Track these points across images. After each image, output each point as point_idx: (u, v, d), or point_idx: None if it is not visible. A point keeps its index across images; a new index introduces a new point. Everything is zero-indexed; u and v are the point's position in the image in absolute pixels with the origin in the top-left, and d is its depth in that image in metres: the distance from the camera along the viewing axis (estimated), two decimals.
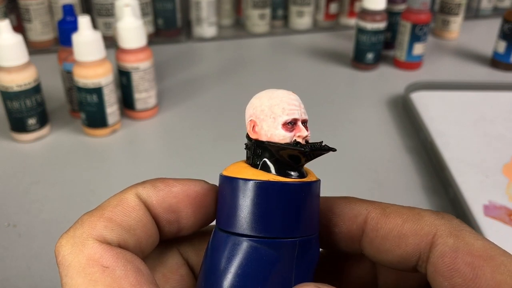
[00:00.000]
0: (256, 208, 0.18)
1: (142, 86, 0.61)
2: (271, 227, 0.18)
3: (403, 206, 0.20)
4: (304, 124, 0.20)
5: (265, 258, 0.18)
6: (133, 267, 0.17)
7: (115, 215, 0.18)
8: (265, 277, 0.18)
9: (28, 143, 0.58)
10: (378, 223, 0.19)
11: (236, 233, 0.18)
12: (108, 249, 0.17)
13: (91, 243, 0.17)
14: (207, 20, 0.87)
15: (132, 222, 0.18)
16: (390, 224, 0.19)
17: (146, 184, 0.19)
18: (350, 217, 0.20)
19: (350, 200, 0.21)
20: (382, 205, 0.20)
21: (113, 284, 0.16)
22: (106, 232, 0.17)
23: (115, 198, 0.19)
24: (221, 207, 0.19)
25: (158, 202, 0.19)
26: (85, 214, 0.18)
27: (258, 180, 0.18)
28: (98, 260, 0.16)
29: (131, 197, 0.19)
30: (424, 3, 0.74)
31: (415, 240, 0.18)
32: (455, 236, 0.18)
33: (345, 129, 0.63)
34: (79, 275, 0.16)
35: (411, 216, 0.19)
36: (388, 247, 0.19)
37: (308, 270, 0.19)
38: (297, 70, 0.80)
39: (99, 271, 0.16)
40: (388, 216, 0.19)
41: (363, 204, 0.20)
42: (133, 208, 0.18)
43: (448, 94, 0.70)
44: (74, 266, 0.16)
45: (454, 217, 0.19)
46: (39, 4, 0.79)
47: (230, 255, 0.18)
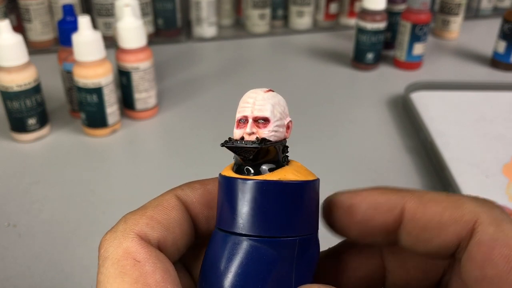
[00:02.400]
0: (255, 208, 0.18)
1: (142, 86, 0.61)
2: (271, 226, 0.18)
3: (439, 192, 0.19)
4: (261, 121, 0.19)
5: (265, 257, 0.18)
6: (163, 266, 0.18)
7: (156, 214, 0.19)
8: (265, 277, 0.18)
9: (28, 143, 0.58)
10: (416, 213, 0.19)
11: (236, 233, 0.18)
12: (144, 245, 0.18)
13: (131, 238, 0.18)
14: (207, 20, 0.87)
15: (171, 221, 0.19)
16: (429, 214, 0.18)
17: (183, 186, 0.21)
18: (386, 209, 0.19)
19: (383, 191, 0.20)
20: (418, 193, 0.19)
21: (140, 278, 0.17)
22: (147, 229, 0.18)
23: (156, 200, 0.20)
24: (220, 207, 0.19)
25: (197, 200, 0.20)
26: (128, 213, 0.19)
27: (256, 180, 0.18)
28: (132, 254, 0.17)
29: (171, 198, 0.20)
30: (424, 3, 0.74)
31: (456, 228, 0.18)
32: (496, 226, 0.17)
33: (345, 129, 0.63)
34: (113, 266, 0.17)
35: (451, 204, 0.18)
36: (428, 236, 0.18)
37: (308, 269, 0.19)
38: (297, 70, 0.80)
39: (130, 264, 0.17)
40: (426, 205, 0.19)
41: (399, 194, 0.19)
42: (172, 207, 0.19)
43: (448, 94, 0.70)
44: (111, 258, 0.17)
45: (495, 205, 0.18)
46: (39, 4, 0.79)
47: (230, 255, 0.18)
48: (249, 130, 0.19)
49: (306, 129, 0.62)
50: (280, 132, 0.19)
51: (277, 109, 0.19)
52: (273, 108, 0.19)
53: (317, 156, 0.57)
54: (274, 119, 0.19)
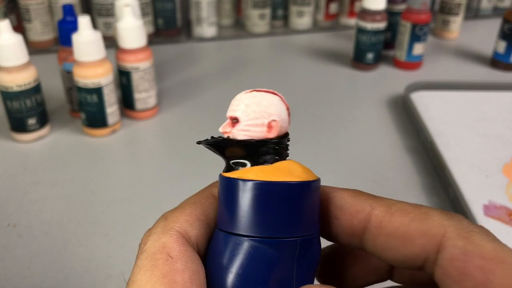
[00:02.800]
0: (256, 208, 0.18)
1: (142, 86, 0.61)
2: (271, 227, 0.18)
3: (409, 203, 0.19)
4: (234, 120, 0.19)
5: (266, 258, 0.18)
6: (193, 267, 0.18)
7: (194, 211, 0.19)
8: (266, 277, 0.18)
9: (28, 143, 0.58)
10: (383, 221, 0.19)
11: (237, 234, 0.18)
12: (181, 243, 0.18)
13: (170, 234, 0.18)
14: (207, 20, 0.87)
15: (210, 218, 0.20)
16: (396, 223, 0.18)
17: (216, 183, 0.21)
18: (352, 211, 0.19)
19: (355, 194, 0.20)
20: (387, 202, 0.19)
21: (168, 274, 0.17)
22: (187, 226, 0.19)
23: (193, 197, 0.20)
24: (221, 207, 0.19)
25: None
26: (167, 212, 0.20)
27: (257, 180, 0.18)
28: (167, 249, 0.18)
29: (208, 195, 0.20)
30: (424, 3, 0.74)
31: (422, 241, 0.18)
32: (465, 238, 0.17)
33: (345, 129, 0.63)
34: (147, 258, 0.18)
35: (418, 215, 0.18)
36: (393, 246, 0.19)
37: (309, 269, 0.19)
38: (297, 70, 0.80)
39: (163, 258, 0.17)
40: (393, 215, 0.19)
41: (367, 200, 0.20)
42: (210, 204, 0.20)
43: (448, 94, 0.70)
44: (147, 251, 0.18)
45: (463, 217, 0.18)
46: (39, 4, 0.79)
47: (231, 256, 0.18)
48: (221, 129, 0.20)
49: (306, 129, 0.62)
50: (254, 132, 0.19)
51: (252, 108, 0.19)
52: (246, 108, 0.19)
53: (317, 156, 0.57)
54: (246, 118, 0.19)
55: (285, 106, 0.20)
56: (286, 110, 0.20)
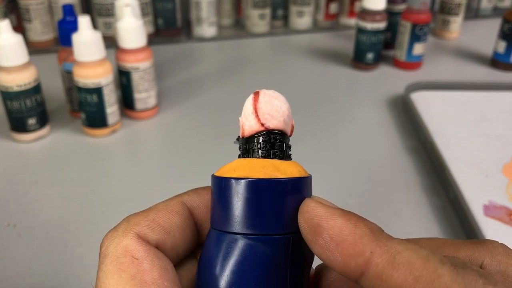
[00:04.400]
0: (247, 206, 0.18)
1: (142, 86, 0.61)
2: (263, 224, 0.18)
3: (419, 252, 0.16)
4: None
5: (259, 255, 0.18)
6: (161, 264, 0.18)
7: (158, 217, 0.19)
8: (260, 274, 0.18)
9: (28, 143, 0.58)
10: (383, 273, 0.16)
11: (230, 232, 0.18)
12: (143, 244, 0.18)
13: (131, 237, 0.18)
14: (207, 20, 0.87)
15: (173, 225, 0.20)
16: (398, 280, 0.16)
17: (189, 192, 0.21)
18: (350, 252, 0.17)
19: (357, 229, 0.17)
20: (392, 249, 0.16)
21: (137, 275, 0.17)
22: (148, 230, 0.19)
23: (161, 204, 0.20)
24: (214, 206, 0.20)
25: (203, 204, 0.21)
26: (131, 214, 0.20)
27: (247, 178, 0.18)
28: (131, 252, 0.18)
29: (176, 203, 0.20)
30: (424, 3, 0.74)
31: None
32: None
33: (345, 129, 0.63)
34: (112, 263, 0.18)
35: (425, 275, 0.15)
36: None
37: (303, 266, 0.19)
38: (297, 70, 0.80)
39: (129, 261, 0.18)
40: (396, 269, 0.16)
41: (369, 243, 0.16)
42: (176, 212, 0.20)
43: (448, 94, 0.70)
44: (111, 255, 0.18)
45: (478, 277, 0.15)
46: (39, 4, 0.79)
47: (225, 254, 0.18)
48: None
49: (306, 129, 0.62)
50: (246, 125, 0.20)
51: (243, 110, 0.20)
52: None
53: (317, 156, 0.57)
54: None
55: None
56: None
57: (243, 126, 0.20)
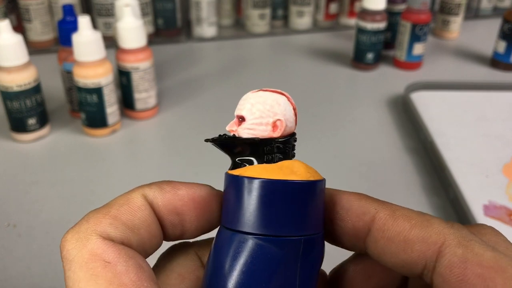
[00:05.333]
0: (261, 206, 0.18)
1: (142, 86, 0.61)
2: (276, 225, 0.18)
3: (413, 210, 0.19)
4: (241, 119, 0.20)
5: (270, 256, 0.18)
6: (135, 263, 0.17)
7: (120, 214, 0.18)
8: (269, 275, 0.18)
9: (28, 143, 0.58)
10: (385, 224, 0.19)
11: (241, 231, 0.18)
12: (111, 245, 0.17)
13: (95, 239, 0.17)
14: (207, 20, 0.87)
15: (137, 221, 0.18)
16: (398, 228, 0.19)
17: (153, 185, 0.20)
18: (358, 213, 0.20)
19: (360, 197, 0.20)
20: (392, 207, 0.19)
21: (114, 279, 0.16)
22: (111, 229, 0.18)
23: (122, 198, 0.19)
24: (226, 205, 0.19)
25: (164, 204, 0.19)
26: (91, 211, 0.19)
27: (263, 178, 0.18)
28: (100, 255, 0.17)
29: (138, 197, 0.19)
30: (424, 3, 0.74)
31: (422, 247, 0.18)
32: (464, 246, 0.17)
33: (345, 129, 0.63)
34: (81, 269, 0.16)
35: (420, 222, 0.18)
36: (393, 250, 0.19)
37: (313, 268, 0.19)
38: (297, 70, 0.80)
39: (101, 266, 0.16)
40: (396, 219, 0.19)
41: (373, 203, 0.20)
42: (138, 208, 0.19)
43: (448, 94, 0.70)
44: (77, 261, 0.17)
45: (464, 227, 0.18)
46: (39, 4, 0.79)
47: (235, 253, 0.18)
48: (228, 127, 0.20)
49: (306, 129, 0.62)
50: (260, 130, 0.19)
51: (257, 107, 0.19)
52: (251, 107, 0.20)
53: (317, 156, 0.57)
54: (251, 117, 0.19)
55: (292, 106, 0.20)
56: (292, 110, 0.20)
57: (282, 127, 0.19)
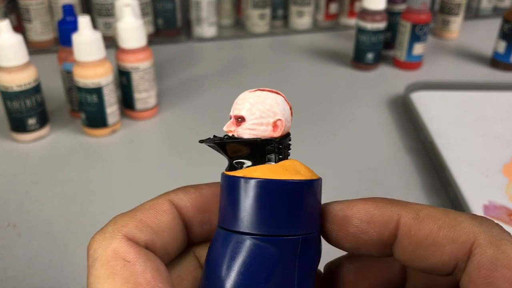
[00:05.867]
0: (257, 207, 0.18)
1: (142, 86, 0.61)
2: (273, 225, 0.18)
3: (437, 208, 0.18)
4: (240, 119, 0.20)
5: (267, 255, 0.18)
6: (153, 265, 0.18)
7: (146, 217, 0.19)
8: (268, 275, 0.18)
9: (28, 143, 0.58)
10: (411, 229, 0.18)
11: (238, 232, 0.18)
12: (133, 245, 0.18)
13: (119, 239, 0.18)
14: (207, 20, 0.87)
15: (162, 224, 0.19)
16: (425, 231, 0.18)
17: (177, 190, 0.21)
18: (381, 223, 0.19)
19: (378, 203, 0.19)
20: (415, 208, 0.18)
21: (130, 277, 0.17)
22: (136, 231, 0.18)
23: (148, 203, 0.20)
24: (223, 205, 0.19)
25: (191, 204, 0.20)
26: (118, 214, 0.19)
27: (259, 178, 0.18)
28: (121, 254, 0.17)
29: (164, 202, 0.20)
30: (424, 3, 0.74)
31: (452, 249, 0.17)
32: (495, 246, 0.17)
33: (345, 129, 0.63)
34: (103, 266, 0.17)
35: (447, 222, 0.18)
36: (423, 254, 0.18)
37: (310, 267, 0.19)
38: (297, 70, 0.80)
39: (120, 264, 0.17)
40: (421, 222, 0.18)
41: (394, 207, 0.19)
42: (164, 211, 0.19)
43: (448, 94, 0.70)
44: (100, 259, 0.17)
45: (494, 223, 0.18)
46: (39, 4, 0.79)
47: (232, 253, 0.18)
48: (225, 128, 0.20)
49: (306, 129, 0.62)
50: (260, 130, 0.19)
51: (256, 107, 0.19)
52: (251, 107, 0.19)
53: (317, 156, 0.57)
54: (251, 117, 0.19)
55: (288, 106, 0.20)
56: (289, 110, 0.20)
57: (283, 127, 0.19)
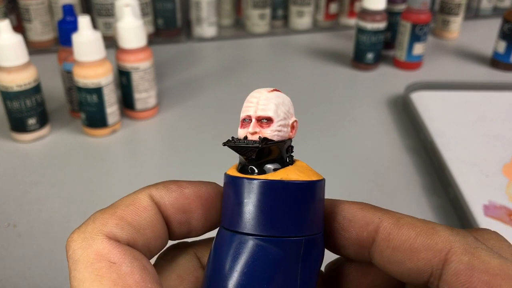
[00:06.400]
0: (261, 207, 0.18)
1: (142, 86, 0.61)
2: (277, 226, 0.18)
3: (417, 218, 0.19)
4: (264, 121, 0.19)
5: (271, 256, 0.18)
6: (140, 264, 0.17)
7: (126, 214, 0.18)
8: (271, 276, 0.18)
9: (28, 143, 0.58)
10: (390, 233, 0.19)
11: (242, 232, 0.18)
12: (116, 245, 0.17)
13: (101, 239, 0.17)
14: (207, 20, 0.87)
15: (143, 222, 0.18)
16: (403, 236, 0.18)
17: (159, 185, 0.20)
18: (362, 223, 0.19)
19: (363, 207, 0.20)
20: (396, 215, 0.19)
21: (118, 280, 0.16)
22: (117, 229, 0.18)
23: (128, 198, 0.19)
24: (226, 206, 0.19)
25: (170, 203, 0.19)
26: (97, 211, 0.18)
27: (262, 179, 0.18)
28: (105, 256, 0.17)
29: (144, 197, 0.19)
30: (424, 3, 0.74)
31: (428, 255, 0.18)
32: (471, 254, 0.17)
33: (345, 129, 0.63)
34: (87, 269, 0.16)
35: (425, 230, 0.18)
36: (399, 259, 0.18)
37: (313, 269, 0.19)
38: (297, 70, 0.80)
39: (106, 266, 0.16)
40: (401, 228, 0.19)
41: (376, 212, 0.19)
42: (144, 208, 0.19)
43: (448, 94, 0.70)
44: (82, 261, 0.17)
45: (469, 234, 0.18)
46: (39, 4, 0.79)
47: (236, 254, 0.18)
48: (252, 130, 0.19)
49: (306, 129, 0.62)
50: (284, 132, 0.19)
51: (280, 108, 0.19)
52: (276, 107, 0.19)
53: (317, 156, 0.57)
54: (278, 119, 0.19)
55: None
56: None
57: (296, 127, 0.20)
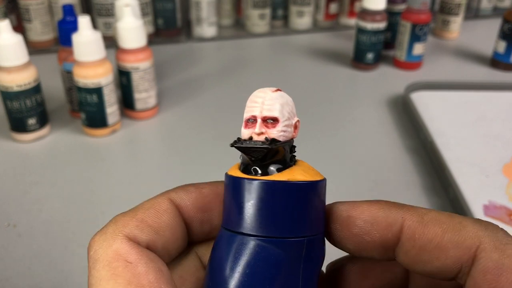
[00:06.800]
0: (262, 208, 0.18)
1: (142, 86, 0.61)
2: (279, 227, 0.18)
3: (441, 212, 0.18)
4: (270, 121, 0.19)
5: (272, 257, 0.18)
6: (155, 266, 0.17)
7: (147, 217, 0.19)
8: (272, 277, 0.18)
9: (28, 143, 0.58)
10: (416, 232, 0.18)
11: (243, 233, 0.18)
12: (135, 246, 0.18)
13: (120, 239, 0.18)
14: (207, 20, 0.87)
15: (162, 224, 0.19)
16: (429, 235, 0.18)
17: (177, 189, 0.20)
18: (385, 225, 0.18)
19: (383, 206, 0.19)
20: (420, 212, 0.18)
21: (133, 279, 0.17)
22: (137, 231, 0.18)
23: (148, 202, 0.19)
24: (227, 206, 0.19)
25: (191, 203, 0.20)
26: (118, 214, 0.19)
27: (264, 180, 0.18)
28: (123, 255, 0.17)
29: (163, 201, 0.20)
30: (424, 3, 0.74)
31: (457, 253, 0.17)
32: (500, 251, 0.17)
33: (345, 129, 0.63)
34: (104, 268, 0.17)
35: (452, 226, 0.17)
36: (426, 258, 0.18)
37: (314, 269, 0.19)
38: (297, 70, 0.80)
39: (122, 265, 0.17)
40: (426, 225, 0.18)
41: (398, 211, 0.18)
42: (164, 211, 0.19)
43: (448, 94, 0.70)
44: (101, 260, 0.17)
45: (499, 228, 0.18)
46: (39, 4, 0.79)
47: (237, 255, 0.18)
48: (258, 130, 0.19)
49: (306, 129, 0.62)
50: (289, 132, 0.19)
51: (285, 108, 0.19)
52: (281, 107, 0.19)
53: (317, 156, 0.57)
54: (283, 119, 0.19)
55: None
56: None
57: (299, 127, 0.20)
